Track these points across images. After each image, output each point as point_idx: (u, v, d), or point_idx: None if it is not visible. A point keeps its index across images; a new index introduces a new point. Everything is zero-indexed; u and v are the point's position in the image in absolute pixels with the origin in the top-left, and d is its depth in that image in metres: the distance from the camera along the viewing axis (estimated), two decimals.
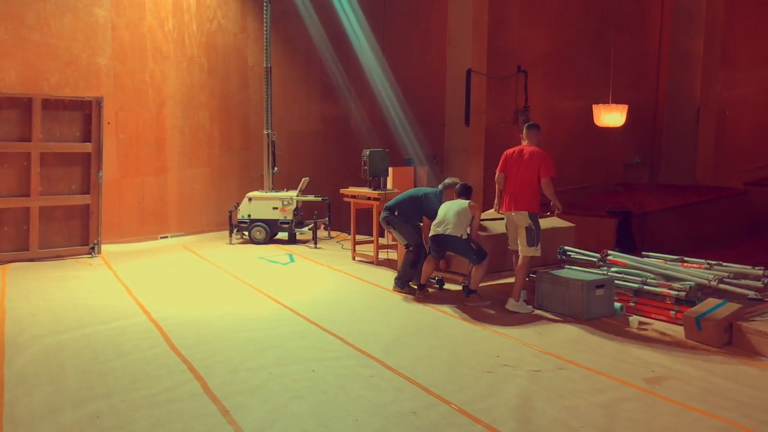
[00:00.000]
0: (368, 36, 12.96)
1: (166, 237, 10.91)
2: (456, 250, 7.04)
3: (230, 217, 10.54)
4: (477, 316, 6.62)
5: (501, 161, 7.00)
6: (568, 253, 7.67)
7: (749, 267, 6.81)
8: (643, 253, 7.74)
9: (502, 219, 7.19)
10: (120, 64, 10.26)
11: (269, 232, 10.36)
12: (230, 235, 10.49)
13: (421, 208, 7.54)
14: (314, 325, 6.26)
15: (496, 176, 6.98)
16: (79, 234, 9.43)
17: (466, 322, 6.44)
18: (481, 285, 7.18)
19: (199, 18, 11.09)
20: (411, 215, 7.54)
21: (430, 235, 7.11)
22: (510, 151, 6.95)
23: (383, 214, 7.66)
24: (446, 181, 7.66)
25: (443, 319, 6.55)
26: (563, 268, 7.32)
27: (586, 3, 16.24)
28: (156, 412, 4.35)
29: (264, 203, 10.42)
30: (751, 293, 6.21)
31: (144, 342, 5.75)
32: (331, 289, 7.72)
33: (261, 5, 10.94)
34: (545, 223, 8.03)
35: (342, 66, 12.81)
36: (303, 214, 10.80)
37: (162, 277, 8.22)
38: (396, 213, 7.50)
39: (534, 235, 6.69)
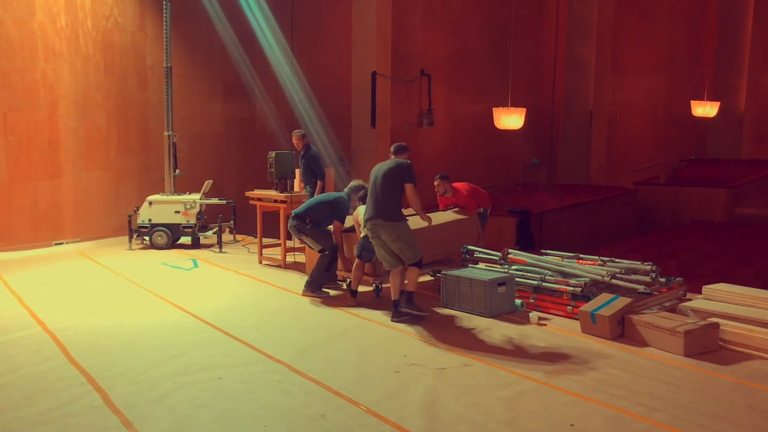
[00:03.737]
0: (277, 35, 12.82)
1: (62, 243, 10.43)
2: None
3: (130, 221, 10.18)
4: (386, 316, 6.69)
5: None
6: (472, 251, 7.89)
7: (639, 263, 7.21)
8: (541, 250, 8.05)
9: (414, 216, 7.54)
10: (7, 62, 9.72)
11: (171, 236, 10.08)
12: (130, 241, 10.13)
13: (333, 213, 7.52)
14: (220, 331, 6.16)
15: None
16: None
17: (374, 323, 6.50)
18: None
19: (94, 15, 10.66)
20: (322, 220, 7.52)
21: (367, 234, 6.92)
22: None
23: (292, 222, 7.52)
24: (353, 184, 7.70)
25: (352, 320, 6.58)
26: (467, 266, 7.53)
27: (486, 10, 16.73)
28: (52, 428, 4.17)
29: (165, 207, 10.14)
30: (640, 288, 6.58)
31: (38, 355, 5.48)
32: (238, 294, 7.61)
33: (160, 3, 10.62)
34: (447, 216, 8.19)
35: (250, 65, 12.62)
36: (207, 218, 10.58)
37: (57, 286, 7.86)
38: (308, 220, 7.45)
39: None
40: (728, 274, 9.78)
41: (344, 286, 7.66)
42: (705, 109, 20.16)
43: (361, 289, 7.25)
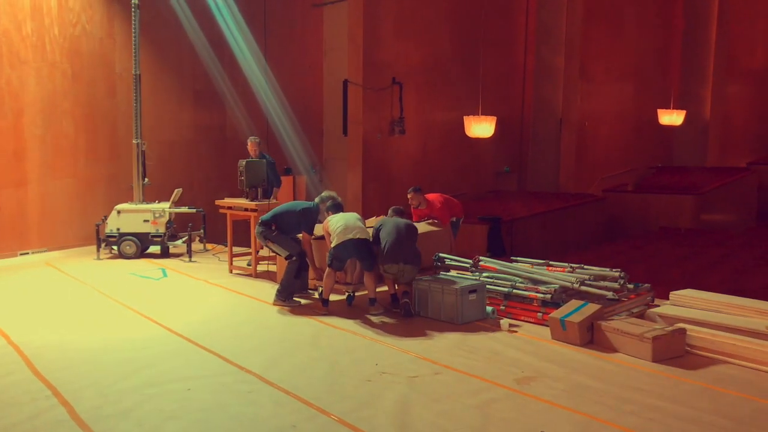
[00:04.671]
0: (249, 41, 12.73)
1: (27, 253, 10.24)
2: (364, 254, 7.04)
3: (98, 230, 10.03)
4: (357, 325, 6.68)
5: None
6: (443, 259, 7.91)
7: (608, 269, 7.29)
8: (512, 257, 8.10)
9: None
10: None
11: (140, 246, 9.96)
12: (98, 250, 9.98)
13: (300, 222, 7.48)
14: (190, 342, 6.09)
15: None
16: None
17: (346, 331, 6.48)
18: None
19: (61, 22, 10.51)
20: (289, 228, 7.48)
21: (340, 241, 6.90)
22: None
23: (259, 228, 7.53)
24: (324, 195, 7.68)
25: (323, 330, 6.56)
26: (438, 274, 7.55)
27: (456, 19, 16.85)
28: None
29: (134, 216, 10.01)
30: (609, 294, 6.65)
31: (2, 368, 5.37)
32: (207, 304, 7.53)
33: (129, 9, 10.52)
34: (421, 228, 8.23)
35: (221, 72, 12.52)
36: (176, 227, 10.46)
37: (23, 297, 7.71)
38: (273, 227, 7.43)
39: None
40: (695, 280, 9.93)
41: (316, 294, 7.63)
42: (671, 118, 20.50)
43: (332, 297, 7.23)
